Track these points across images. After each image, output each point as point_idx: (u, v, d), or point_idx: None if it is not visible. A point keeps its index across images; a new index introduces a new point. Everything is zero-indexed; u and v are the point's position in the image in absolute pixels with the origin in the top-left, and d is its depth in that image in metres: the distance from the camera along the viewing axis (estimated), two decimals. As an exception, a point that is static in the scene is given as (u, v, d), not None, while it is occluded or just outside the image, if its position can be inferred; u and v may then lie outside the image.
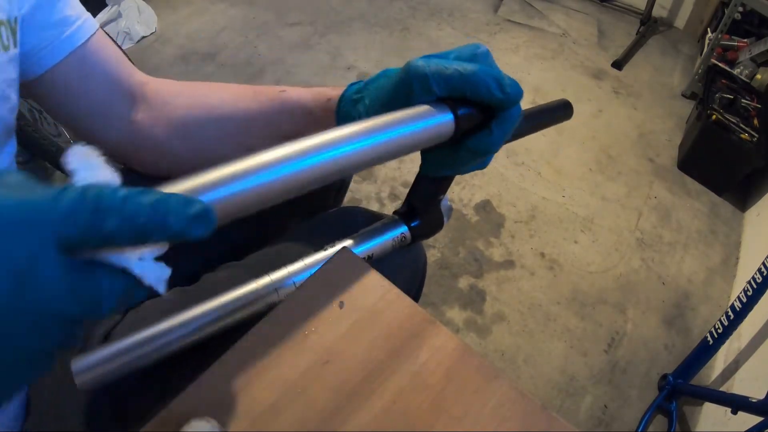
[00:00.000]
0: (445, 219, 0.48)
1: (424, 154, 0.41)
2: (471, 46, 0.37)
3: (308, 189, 0.29)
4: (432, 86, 0.34)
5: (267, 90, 0.49)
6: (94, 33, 0.48)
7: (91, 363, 0.31)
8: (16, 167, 0.48)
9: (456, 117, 0.35)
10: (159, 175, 0.53)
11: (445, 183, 0.44)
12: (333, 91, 0.45)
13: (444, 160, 0.39)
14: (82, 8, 0.48)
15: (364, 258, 0.42)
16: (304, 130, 0.43)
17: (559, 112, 0.47)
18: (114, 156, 0.53)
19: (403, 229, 0.44)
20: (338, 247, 0.41)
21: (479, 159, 0.38)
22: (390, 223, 0.44)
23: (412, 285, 0.57)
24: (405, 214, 0.45)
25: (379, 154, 0.32)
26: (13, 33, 0.40)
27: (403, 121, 0.33)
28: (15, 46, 0.40)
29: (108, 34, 0.53)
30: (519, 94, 0.35)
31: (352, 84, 0.43)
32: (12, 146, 0.45)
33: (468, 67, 0.34)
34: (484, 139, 0.36)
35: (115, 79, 0.50)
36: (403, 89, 0.35)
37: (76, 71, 0.47)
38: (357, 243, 0.42)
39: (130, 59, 0.57)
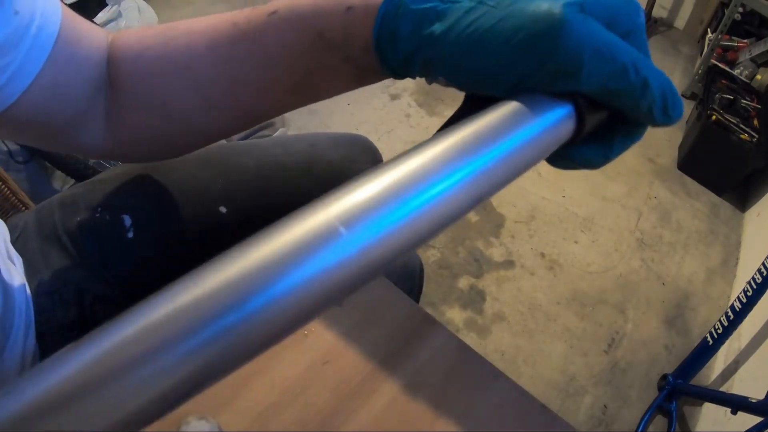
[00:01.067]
0: None
1: None
2: (630, 5, 0.23)
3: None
4: (582, 81, 0.21)
5: (250, 18, 0.33)
6: (60, 23, 0.34)
7: None
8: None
9: (580, 120, 0.23)
10: (146, 160, 0.46)
11: None
12: None
13: None
14: (32, 8, 0.32)
15: None
16: (316, 69, 0.32)
17: None
18: (100, 156, 0.44)
19: None
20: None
21: (576, 169, 0.27)
22: None
23: (410, 292, 0.55)
24: None
25: (490, 184, 0.19)
26: None
27: (507, 133, 0.20)
28: None
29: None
30: (680, 117, 0.24)
31: None
32: None
33: (639, 66, 0.22)
34: (599, 151, 0.25)
35: (92, 70, 0.37)
36: (534, 58, 0.21)
37: (49, 86, 0.34)
38: None
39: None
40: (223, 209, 0.49)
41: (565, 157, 0.26)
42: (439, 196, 0.18)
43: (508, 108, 0.21)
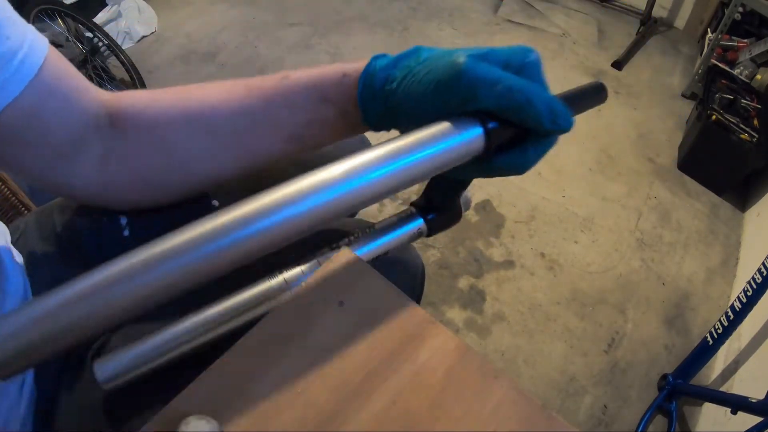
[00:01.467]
0: (463, 210, 0.46)
1: None
2: (522, 51, 0.33)
3: (325, 225, 0.28)
4: (480, 101, 0.30)
5: (263, 82, 0.41)
6: (45, 57, 0.37)
7: (115, 366, 0.33)
8: None
9: (487, 134, 0.31)
10: (139, 208, 0.47)
11: (467, 182, 0.42)
12: (349, 65, 0.38)
13: (468, 170, 0.35)
14: (22, 26, 0.36)
15: (381, 253, 0.41)
16: (315, 121, 0.40)
17: (592, 95, 0.43)
18: (83, 200, 0.46)
19: (419, 222, 0.43)
20: (352, 243, 0.40)
21: (508, 175, 0.35)
22: (406, 217, 0.43)
23: (411, 294, 0.56)
24: (422, 207, 0.44)
25: (401, 180, 0.29)
26: None
27: (430, 141, 0.30)
28: None
29: (108, 33, 0.46)
30: (570, 126, 0.31)
31: (376, 57, 0.37)
32: None
33: (522, 88, 0.30)
34: (516, 158, 0.33)
35: (77, 110, 0.40)
36: (447, 93, 0.31)
37: (28, 112, 0.36)
38: (372, 237, 0.41)
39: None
40: (215, 203, 0.50)
41: (489, 166, 0.33)
42: (373, 179, 0.28)
43: (432, 127, 0.31)
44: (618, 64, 2.17)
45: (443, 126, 0.31)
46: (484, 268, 1.46)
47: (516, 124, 0.32)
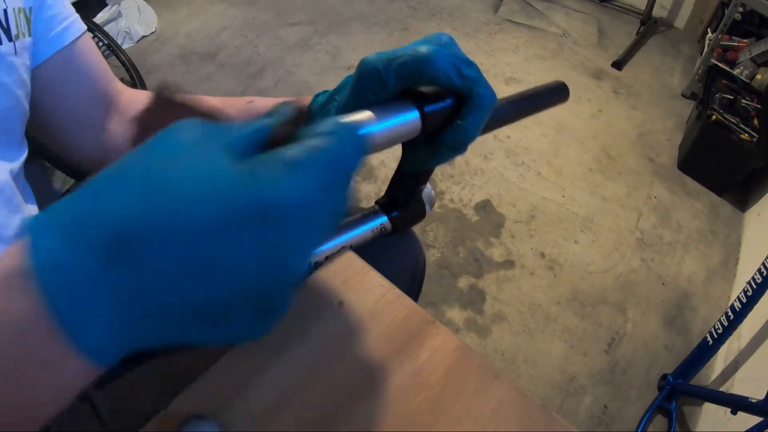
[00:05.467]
0: (427, 208, 0.47)
1: (403, 148, 0.39)
2: (434, 36, 0.35)
3: None
4: (384, 77, 0.33)
5: (235, 101, 0.49)
6: (81, 35, 0.48)
7: None
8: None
9: (422, 113, 0.34)
10: None
11: (425, 174, 0.44)
12: (301, 101, 0.44)
13: (421, 155, 0.37)
14: (71, 8, 0.48)
15: (343, 247, 0.42)
16: None
17: (553, 94, 0.44)
18: (83, 169, 0.54)
19: (382, 220, 0.44)
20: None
21: (457, 152, 0.37)
22: (370, 214, 0.45)
23: (412, 287, 0.57)
24: (385, 204, 0.45)
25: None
26: (28, 21, 0.42)
27: (363, 123, 0.32)
28: (29, 34, 0.42)
29: (108, 33, 0.53)
30: (477, 77, 0.33)
31: (318, 94, 0.42)
32: (23, 142, 0.45)
33: (418, 53, 0.32)
34: (457, 131, 0.35)
35: (96, 86, 0.50)
36: (360, 88, 0.34)
37: (59, 73, 0.47)
38: (335, 233, 0.41)
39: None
40: None
41: (440, 144, 0.35)
42: None
43: (370, 110, 0.33)
44: (618, 64, 2.17)
45: (380, 108, 0.33)
46: (484, 268, 1.46)
47: (446, 96, 0.34)
